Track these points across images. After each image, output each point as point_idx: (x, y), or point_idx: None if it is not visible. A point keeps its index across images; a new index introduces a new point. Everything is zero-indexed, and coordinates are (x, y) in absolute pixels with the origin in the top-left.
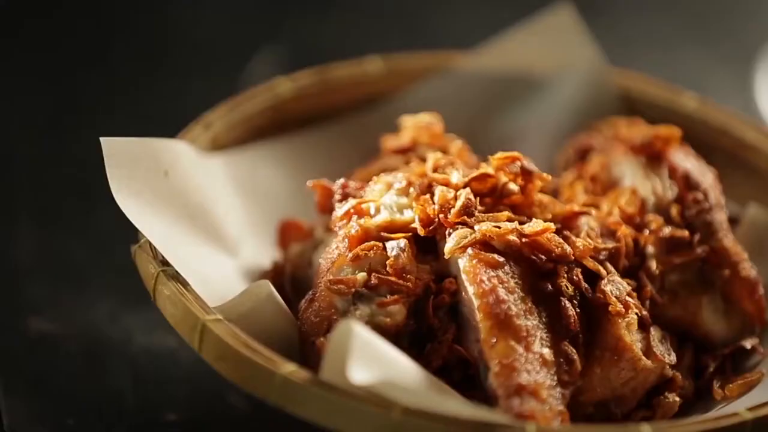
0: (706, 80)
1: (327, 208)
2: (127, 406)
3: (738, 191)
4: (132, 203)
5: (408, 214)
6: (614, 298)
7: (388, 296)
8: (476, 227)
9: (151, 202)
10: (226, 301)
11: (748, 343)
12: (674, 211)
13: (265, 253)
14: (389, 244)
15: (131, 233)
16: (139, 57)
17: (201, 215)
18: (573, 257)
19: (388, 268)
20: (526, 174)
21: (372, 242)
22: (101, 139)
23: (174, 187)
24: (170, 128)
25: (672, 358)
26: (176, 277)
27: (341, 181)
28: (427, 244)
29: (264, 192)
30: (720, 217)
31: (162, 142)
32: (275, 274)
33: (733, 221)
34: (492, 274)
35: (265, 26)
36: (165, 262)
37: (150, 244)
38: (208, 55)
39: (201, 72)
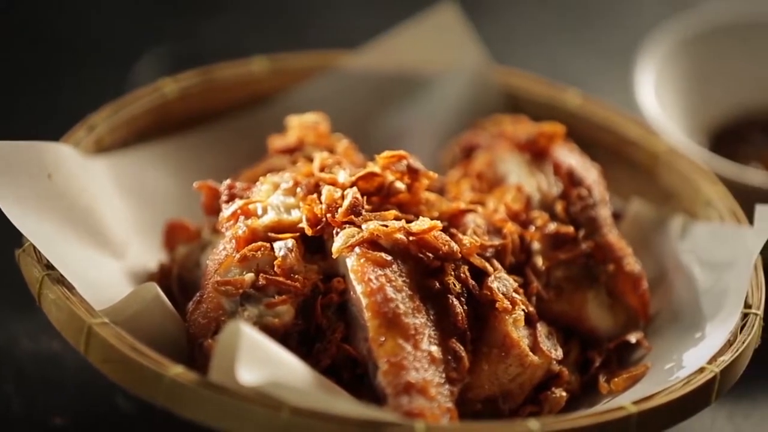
0: (588, 77)
1: (214, 209)
2: (13, 410)
3: (621, 187)
4: (15, 207)
5: (295, 214)
6: (501, 295)
7: (276, 296)
8: (363, 226)
9: (35, 206)
10: (113, 304)
11: (632, 338)
12: (559, 207)
13: (151, 255)
14: (277, 245)
15: (15, 237)
16: (20, 59)
17: (86, 218)
18: (460, 255)
19: (275, 269)
20: (412, 172)
21: (259, 243)
22: None
23: (58, 191)
24: (54, 131)
25: (558, 353)
26: (61, 280)
27: (228, 181)
28: (314, 244)
29: (150, 193)
30: (604, 213)
31: (44, 145)
32: (162, 276)
33: (616, 216)
34: (380, 272)
35: (151, 28)
36: (50, 266)
37: (34, 247)
38: (93, 56)
39: (86, 74)
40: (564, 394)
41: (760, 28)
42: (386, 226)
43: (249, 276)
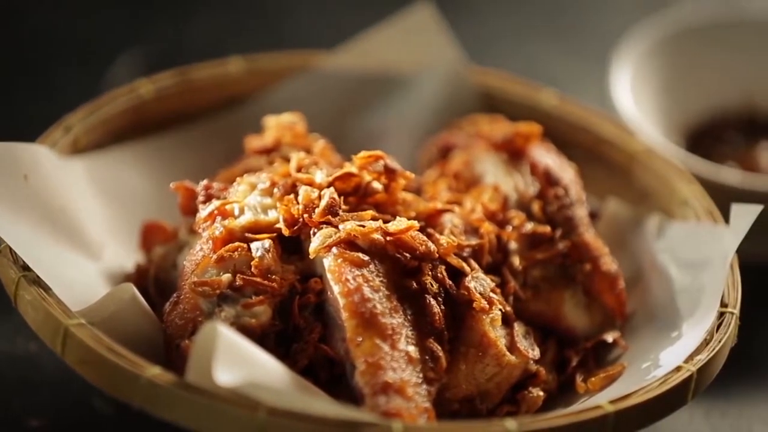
0: (565, 77)
1: (190, 210)
2: None
3: (597, 186)
4: None
5: (272, 215)
6: (478, 295)
7: (253, 297)
8: (341, 226)
9: (11, 207)
10: (89, 305)
11: (609, 337)
12: (536, 207)
13: (128, 256)
14: (254, 245)
15: None
16: None
17: (63, 219)
18: (437, 255)
19: (252, 269)
20: (389, 172)
21: (236, 243)
22: None
23: (34, 192)
24: (30, 132)
25: (536, 352)
26: (37, 281)
27: (204, 182)
28: (292, 244)
29: (127, 194)
30: (581, 212)
31: (21, 146)
32: (139, 277)
33: (593, 216)
34: (357, 272)
35: (127, 28)
36: (26, 267)
37: (10, 249)
38: (69, 57)
39: (62, 74)
40: (541, 393)
41: (734, 28)
42: (363, 226)
43: (226, 276)
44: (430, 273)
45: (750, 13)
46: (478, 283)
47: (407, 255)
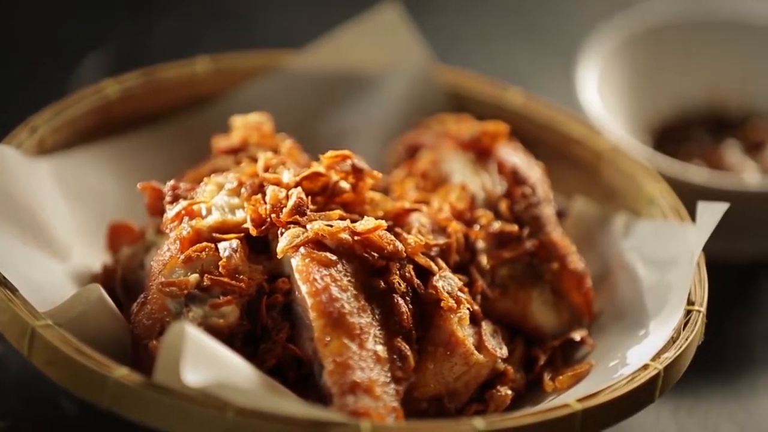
0: (532, 76)
1: (158, 210)
2: None
3: (564, 185)
4: None
5: (240, 215)
6: (446, 294)
7: (221, 297)
8: (308, 226)
9: None
10: (56, 306)
11: (577, 335)
12: (503, 206)
13: (95, 257)
14: (221, 245)
15: None
16: None
17: (29, 220)
18: (405, 254)
19: (220, 269)
20: (356, 172)
21: (204, 243)
22: None
23: (0, 192)
24: None
25: (503, 351)
26: (4, 282)
27: (171, 182)
28: (259, 244)
29: (93, 195)
30: (548, 211)
31: None
32: (106, 278)
33: (560, 215)
34: (325, 272)
35: (94, 28)
36: None
37: None
38: (35, 57)
39: (27, 75)
40: (509, 392)
41: (701, 27)
42: (331, 225)
43: (193, 277)
44: (397, 272)
45: (716, 12)
46: (446, 282)
47: (375, 254)
